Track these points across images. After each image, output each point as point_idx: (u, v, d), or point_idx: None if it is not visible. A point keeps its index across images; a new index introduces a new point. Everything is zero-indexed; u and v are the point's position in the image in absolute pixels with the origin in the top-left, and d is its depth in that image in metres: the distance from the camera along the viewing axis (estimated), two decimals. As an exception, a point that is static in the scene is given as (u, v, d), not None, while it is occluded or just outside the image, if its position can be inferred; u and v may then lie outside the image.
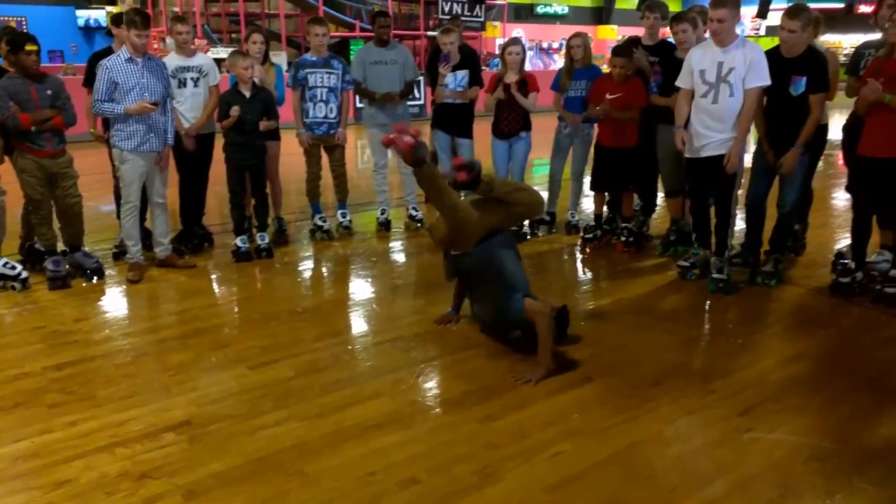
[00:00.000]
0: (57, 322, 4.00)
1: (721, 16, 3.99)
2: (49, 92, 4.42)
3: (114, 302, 4.43)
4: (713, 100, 4.11)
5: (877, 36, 4.58)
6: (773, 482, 2.47)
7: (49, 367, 3.39)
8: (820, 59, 4.16)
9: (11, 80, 4.34)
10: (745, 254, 4.64)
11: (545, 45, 25.60)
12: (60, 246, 4.76)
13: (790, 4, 4.23)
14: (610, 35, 24.62)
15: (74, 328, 3.92)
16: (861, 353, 3.59)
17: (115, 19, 5.03)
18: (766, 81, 4.02)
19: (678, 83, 4.35)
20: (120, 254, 5.08)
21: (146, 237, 5.03)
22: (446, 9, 17.89)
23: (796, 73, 4.10)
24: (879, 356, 3.56)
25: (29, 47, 4.30)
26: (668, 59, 4.93)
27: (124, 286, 4.63)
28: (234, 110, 4.85)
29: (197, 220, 5.45)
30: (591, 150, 5.49)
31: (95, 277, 4.68)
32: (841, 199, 7.01)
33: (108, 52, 4.96)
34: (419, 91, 14.14)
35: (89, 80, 4.86)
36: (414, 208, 6.03)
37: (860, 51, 4.66)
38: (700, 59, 4.17)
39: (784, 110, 4.18)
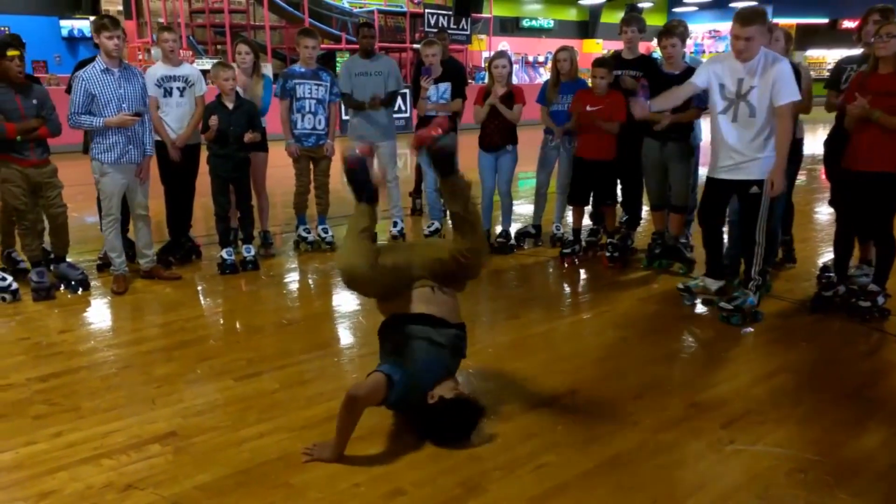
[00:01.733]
0: (41, 333, 3.98)
1: (749, 34, 3.70)
2: (34, 101, 4.39)
3: (98, 313, 4.41)
4: (733, 118, 3.93)
5: (859, 51, 4.67)
6: (756, 494, 2.50)
7: (33, 379, 3.37)
8: (795, 69, 4.17)
9: None
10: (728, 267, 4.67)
11: (531, 58, 25.80)
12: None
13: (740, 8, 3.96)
14: (595, 49, 24.87)
15: (59, 339, 3.90)
16: (841, 366, 3.65)
17: (98, 27, 4.98)
18: (797, 96, 3.82)
19: (693, 79, 4.10)
20: (104, 265, 5.06)
21: (130, 248, 5.01)
22: (432, 21, 18.03)
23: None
24: (858, 369, 3.62)
25: (10, 52, 4.21)
26: (652, 74, 4.99)
27: (109, 298, 4.61)
28: (213, 120, 4.84)
29: (184, 231, 5.43)
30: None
31: (80, 289, 4.66)
32: (824, 213, 7.13)
33: (92, 60, 4.95)
34: (405, 104, 14.21)
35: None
36: (395, 223, 6.06)
37: (841, 65, 4.71)
38: (720, 73, 3.94)
39: None
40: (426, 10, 18.40)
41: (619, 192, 5.52)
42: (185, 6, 17.20)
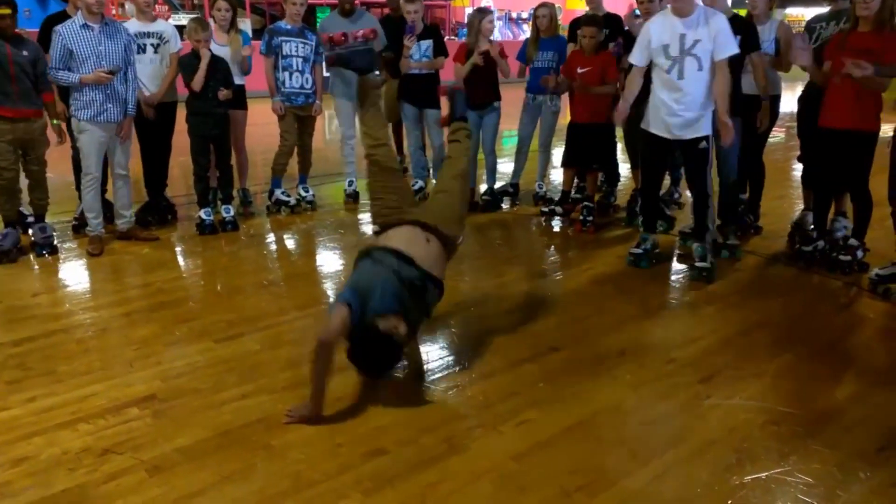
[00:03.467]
0: (13, 297, 3.90)
1: None
2: (25, 53, 4.30)
3: (74, 276, 4.33)
4: (678, 75, 3.92)
5: (826, 10, 4.67)
6: (732, 447, 2.55)
7: (6, 343, 3.32)
8: (747, 22, 4.26)
9: None
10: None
11: (514, 14, 25.36)
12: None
13: None
14: (579, 5, 24.45)
15: (32, 303, 3.83)
16: (818, 319, 3.70)
17: None
18: (735, 50, 3.85)
19: (631, 59, 4.14)
20: (80, 226, 4.97)
21: (108, 209, 4.91)
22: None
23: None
24: (835, 323, 3.68)
25: (3, 10, 4.17)
26: (621, 31, 5.07)
27: (85, 259, 4.53)
28: (224, 94, 4.87)
29: (160, 191, 5.34)
30: (561, 124, 5.49)
31: (46, 253, 4.56)
32: (800, 169, 7.13)
33: (62, 15, 4.79)
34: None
35: (44, 45, 4.69)
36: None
37: (811, 24, 4.71)
38: (660, 33, 3.95)
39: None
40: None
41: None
42: (158, -41, 16.60)
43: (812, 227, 4.53)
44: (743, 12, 4.75)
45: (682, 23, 3.87)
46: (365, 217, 5.64)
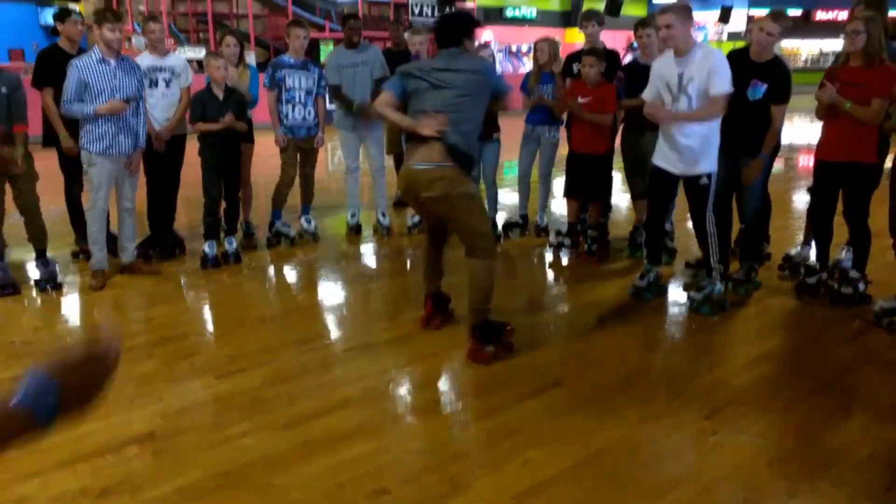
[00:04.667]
0: (15, 332, 3.90)
1: (667, 21, 3.85)
2: (3, 90, 4.30)
3: (76, 310, 4.33)
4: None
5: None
6: (738, 485, 2.51)
7: (5, 379, 3.29)
8: (784, 69, 4.20)
9: None
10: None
11: (514, 47, 25.72)
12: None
13: (772, 9, 4.19)
14: (578, 38, 24.78)
15: (34, 338, 3.82)
16: (822, 353, 3.67)
17: (60, 15, 4.88)
18: (728, 89, 3.88)
19: (644, 96, 4.23)
20: (79, 253, 4.97)
21: (111, 242, 4.93)
22: (416, 10, 17.88)
23: (759, 77, 4.11)
24: (839, 356, 3.64)
25: None
26: (617, 64, 5.11)
27: (87, 294, 4.53)
28: (229, 119, 4.84)
29: (168, 224, 5.36)
30: (561, 154, 5.51)
31: (50, 288, 4.55)
32: (801, 201, 7.16)
33: (55, 49, 4.84)
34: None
35: (39, 80, 4.74)
36: (382, 213, 5.99)
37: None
38: (663, 73, 4.07)
39: (739, 114, 4.12)
40: (410, 0, 18.23)
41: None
42: (166, -6, 16.93)
43: (802, 260, 4.55)
44: (741, 44, 4.78)
45: (678, 61, 3.96)
46: (367, 249, 5.66)
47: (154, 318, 4.15)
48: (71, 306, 4.38)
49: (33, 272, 4.70)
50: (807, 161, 9.77)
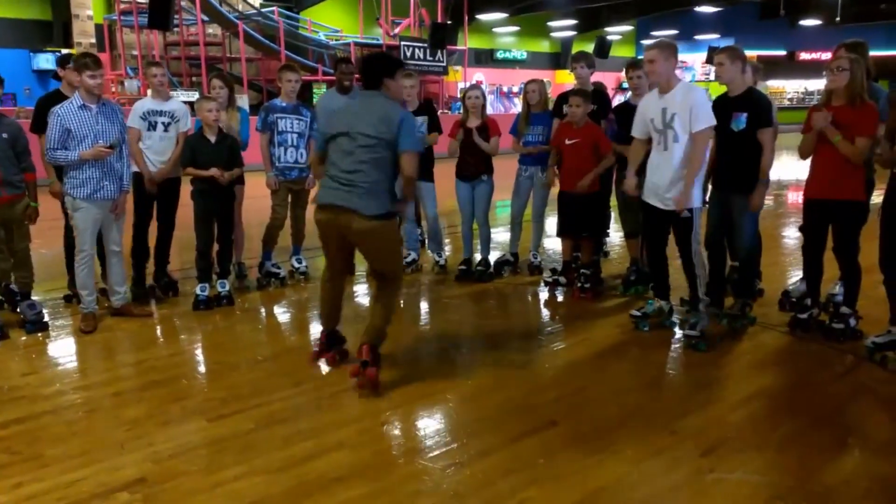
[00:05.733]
0: (3, 377, 3.84)
1: (651, 56, 3.98)
2: (5, 136, 4.34)
3: (65, 354, 4.28)
4: (664, 147, 4.11)
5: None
6: (738, 524, 2.48)
7: (-5, 426, 3.25)
8: (760, 96, 4.35)
9: None
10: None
11: (505, 88, 26.18)
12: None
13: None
14: (567, 79, 25.30)
15: (22, 383, 3.77)
16: (817, 389, 3.67)
17: (62, 60, 4.96)
18: (711, 122, 3.99)
19: (633, 132, 4.36)
20: (72, 297, 4.95)
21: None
22: (408, 54, 18.22)
23: (737, 109, 4.22)
24: (834, 391, 3.65)
25: None
26: (607, 105, 5.26)
27: (77, 337, 4.49)
28: (221, 177, 4.87)
29: (162, 267, 5.34)
30: (553, 194, 5.57)
31: (37, 330, 4.50)
32: (791, 237, 7.25)
33: (56, 95, 4.88)
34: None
35: (38, 126, 4.78)
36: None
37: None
38: (647, 108, 4.19)
39: (728, 149, 4.27)
40: (402, 43, 18.60)
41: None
42: (159, 39, 17.19)
43: (794, 297, 4.58)
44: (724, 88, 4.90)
45: (663, 98, 4.09)
46: (360, 289, 5.65)
47: (145, 360, 4.11)
48: (61, 350, 4.33)
49: (13, 315, 4.66)
50: (795, 197, 9.91)
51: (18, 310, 4.62)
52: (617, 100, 6.09)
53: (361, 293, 5.53)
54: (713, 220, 4.50)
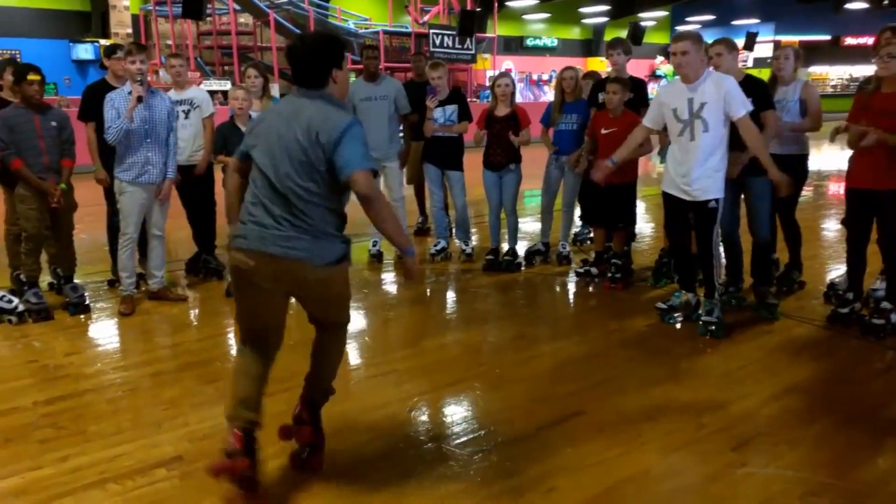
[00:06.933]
0: (48, 356, 3.98)
1: (684, 48, 3.93)
2: (53, 123, 4.50)
3: (106, 335, 4.41)
4: (690, 137, 4.03)
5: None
6: (768, 518, 2.47)
7: (40, 402, 3.37)
8: (758, 81, 4.36)
9: (14, 111, 4.41)
10: (728, 288, 4.66)
11: (535, 76, 25.97)
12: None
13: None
14: (599, 67, 25.01)
15: (66, 362, 3.90)
16: (854, 385, 3.60)
17: (108, 51, 5.09)
18: (750, 107, 3.94)
19: (645, 121, 4.32)
20: (115, 281, 5.09)
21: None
22: (437, 42, 18.16)
23: None
24: (873, 388, 3.58)
25: (31, 77, 4.36)
26: (643, 94, 5.12)
27: (116, 319, 4.61)
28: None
29: (209, 251, 5.49)
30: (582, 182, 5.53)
31: (79, 312, 4.64)
32: (831, 229, 7.10)
33: (102, 83, 5.01)
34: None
35: (86, 114, 4.90)
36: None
37: (862, 86, 4.68)
38: (670, 98, 4.12)
39: (738, 135, 4.13)
40: (431, 31, 18.53)
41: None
42: (192, 28, 17.40)
43: (840, 289, 4.49)
44: (766, 73, 4.83)
45: (689, 88, 4.02)
46: (388, 277, 5.70)
47: (181, 343, 4.21)
48: (102, 331, 4.46)
49: (59, 298, 4.81)
50: (837, 189, 9.67)
51: (62, 293, 4.77)
52: (651, 87, 5.98)
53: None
54: (727, 205, 4.36)
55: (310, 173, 2.43)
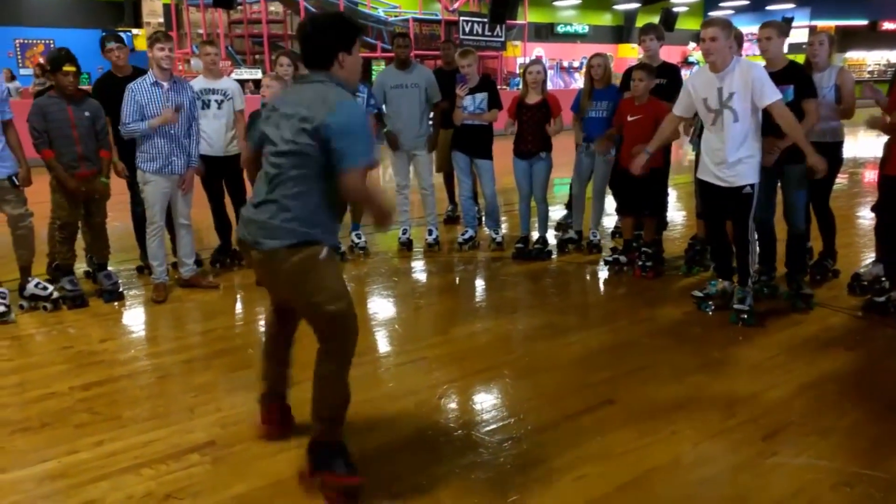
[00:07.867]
0: (83, 342, 4.08)
1: (713, 34, 3.85)
2: (87, 114, 4.55)
3: (139, 322, 4.50)
4: (721, 126, 3.98)
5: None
6: (800, 509, 2.44)
7: (76, 387, 3.45)
8: (801, 68, 4.26)
9: (49, 100, 4.47)
10: (763, 277, 4.59)
11: (566, 63, 25.69)
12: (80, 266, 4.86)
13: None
14: (631, 54, 24.66)
15: (100, 348, 3.99)
16: (890, 374, 3.53)
17: (101, 43, 5.15)
18: (778, 95, 3.86)
19: (675, 110, 4.28)
20: (143, 268, 5.18)
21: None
22: (467, 29, 18.05)
23: (782, 83, 4.05)
24: (908, 379, 3.50)
25: (66, 68, 4.40)
26: (677, 81, 5.02)
27: (149, 306, 4.70)
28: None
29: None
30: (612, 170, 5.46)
31: (113, 300, 4.74)
32: (866, 217, 6.92)
33: (109, 76, 5.07)
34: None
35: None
36: (430, 231, 6.05)
37: None
38: (700, 87, 4.06)
39: (773, 121, 4.05)
40: (461, 18, 18.43)
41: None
42: (224, 17, 17.56)
43: (872, 278, 4.39)
44: (801, 58, 4.72)
45: (718, 77, 3.96)
46: (418, 265, 5.71)
47: (212, 330, 4.28)
48: (135, 318, 4.56)
49: (94, 285, 4.91)
50: (871, 176, 9.42)
51: (96, 280, 4.88)
52: (684, 73, 5.86)
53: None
54: (762, 192, 4.30)
55: (301, 157, 2.36)
